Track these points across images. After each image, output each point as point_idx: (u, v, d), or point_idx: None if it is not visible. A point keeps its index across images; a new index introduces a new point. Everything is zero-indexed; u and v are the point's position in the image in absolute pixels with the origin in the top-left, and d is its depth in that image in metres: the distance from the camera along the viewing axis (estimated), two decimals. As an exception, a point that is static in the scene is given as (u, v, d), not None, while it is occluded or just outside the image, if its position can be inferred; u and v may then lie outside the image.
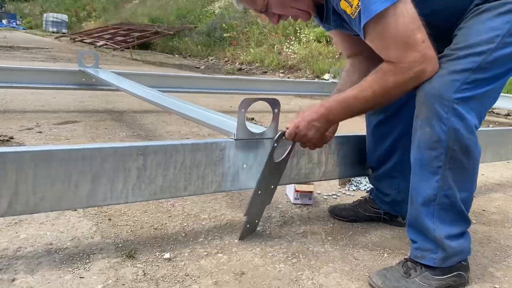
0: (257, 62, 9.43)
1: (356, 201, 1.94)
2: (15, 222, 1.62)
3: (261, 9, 1.47)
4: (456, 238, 1.35)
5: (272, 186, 1.62)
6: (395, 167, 1.74)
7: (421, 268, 1.38)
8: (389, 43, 1.27)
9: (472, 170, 1.33)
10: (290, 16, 1.49)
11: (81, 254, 1.44)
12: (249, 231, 1.66)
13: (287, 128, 1.48)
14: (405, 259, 1.45)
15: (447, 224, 1.34)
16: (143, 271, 1.37)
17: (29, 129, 3.01)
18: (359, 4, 1.24)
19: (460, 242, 1.36)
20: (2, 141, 2.65)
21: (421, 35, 1.25)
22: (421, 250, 1.39)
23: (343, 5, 1.29)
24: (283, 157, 1.56)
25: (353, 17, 1.29)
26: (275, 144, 1.50)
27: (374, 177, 1.83)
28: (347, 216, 1.89)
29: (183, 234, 1.64)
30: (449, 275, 1.38)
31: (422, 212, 1.36)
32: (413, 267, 1.39)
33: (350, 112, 1.39)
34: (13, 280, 1.27)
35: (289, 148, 1.55)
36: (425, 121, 1.30)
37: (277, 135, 1.50)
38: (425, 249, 1.38)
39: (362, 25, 1.26)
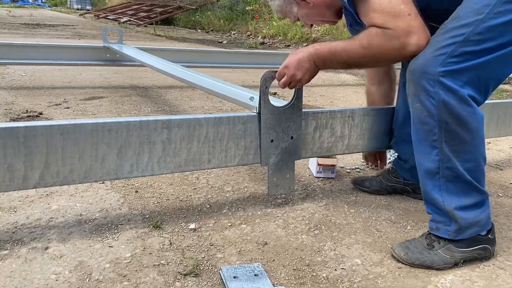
0: (280, 36, 9.31)
1: (380, 172, 1.94)
2: (47, 194, 1.68)
3: (294, 20, 1.68)
4: (469, 209, 1.34)
5: (293, 137, 1.62)
6: None
7: (445, 240, 1.38)
8: (376, 13, 1.32)
9: (471, 141, 1.30)
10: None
11: (109, 225, 1.49)
12: (280, 187, 1.66)
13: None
14: (428, 231, 1.44)
15: (456, 195, 1.33)
16: (169, 240, 1.41)
17: (57, 104, 3.09)
18: None
19: (475, 213, 1.35)
20: (32, 116, 2.73)
21: (406, 8, 1.29)
22: (435, 222, 1.39)
23: None
24: (290, 102, 1.57)
25: (346, 1, 1.38)
26: (265, 87, 1.50)
27: (394, 141, 1.83)
28: (370, 186, 1.89)
29: (208, 206, 1.68)
30: (473, 248, 1.37)
31: (429, 186, 1.37)
32: (437, 239, 1.38)
33: (336, 61, 1.43)
34: (46, 248, 1.33)
35: (294, 93, 1.56)
36: (414, 97, 1.32)
37: (264, 75, 1.50)
38: (439, 221, 1.38)
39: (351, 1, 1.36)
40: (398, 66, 1.75)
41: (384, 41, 1.32)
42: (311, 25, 1.70)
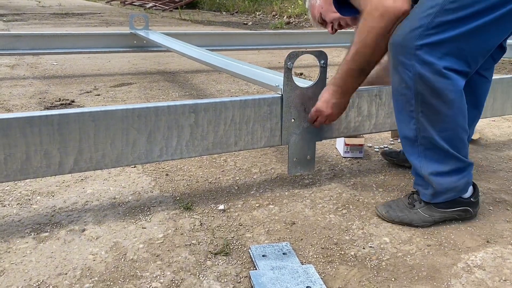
0: (305, 15, 9.17)
1: None
2: (81, 179, 1.75)
3: (319, 22, 1.77)
4: (445, 175, 1.39)
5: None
6: None
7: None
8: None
9: (447, 112, 1.32)
10: (340, 23, 1.75)
11: (142, 207, 1.54)
12: (301, 167, 1.67)
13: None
14: (412, 191, 1.50)
15: (433, 162, 1.39)
16: (200, 221, 1.45)
17: (88, 92, 3.17)
18: None
19: (452, 179, 1.40)
20: (65, 104, 2.82)
21: None
22: (417, 185, 1.47)
23: None
24: (314, 83, 1.57)
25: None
26: (289, 66, 1.50)
27: None
28: (396, 156, 1.92)
29: (236, 187, 1.71)
30: (454, 209, 1.44)
31: (409, 152, 1.43)
32: (419, 199, 1.46)
33: (360, 75, 1.43)
34: (83, 230, 1.39)
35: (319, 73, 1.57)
36: (393, 69, 1.36)
37: (288, 55, 1.49)
38: (419, 184, 1.46)
39: None
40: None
41: (369, 21, 1.32)
42: (332, 27, 1.76)
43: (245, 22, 9.25)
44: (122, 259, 1.25)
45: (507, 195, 1.68)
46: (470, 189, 1.46)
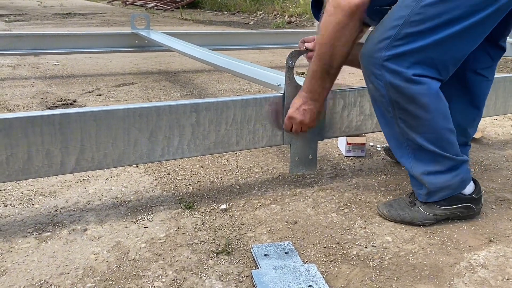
0: (307, 14, 9.16)
1: None
2: (83, 179, 1.75)
3: None
4: (437, 174, 1.40)
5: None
6: None
7: None
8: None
9: (425, 116, 1.32)
10: None
11: (144, 206, 1.54)
12: (302, 166, 1.66)
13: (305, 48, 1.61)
14: (412, 190, 1.50)
15: (424, 162, 1.40)
16: (202, 221, 1.45)
17: (90, 92, 3.17)
18: None
19: (445, 178, 1.40)
20: (66, 104, 2.82)
21: None
22: (412, 185, 1.48)
23: None
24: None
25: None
26: (290, 65, 1.50)
27: None
28: None
29: (238, 187, 1.71)
30: (455, 206, 1.44)
31: (398, 154, 1.45)
32: None
33: (321, 78, 1.42)
34: (85, 230, 1.39)
35: None
36: (366, 78, 1.38)
37: (290, 54, 1.49)
38: (414, 185, 1.47)
39: None
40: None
41: (325, 17, 1.33)
42: None
43: (247, 22, 9.24)
44: (124, 259, 1.25)
45: (510, 194, 1.68)
46: (471, 185, 1.46)
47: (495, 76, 1.64)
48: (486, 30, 1.30)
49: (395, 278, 1.19)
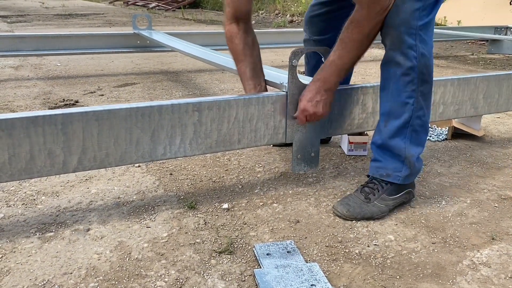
0: (308, 14, 9.14)
1: None
2: (86, 179, 1.75)
3: None
4: (418, 158, 1.51)
5: None
6: None
7: (378, 191, 1.49)
8: None
9: (431, 90, 1.48)
10: None
11: (146, 206, 1.54)
12: (305, 164, 1.66)
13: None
14: (361, 185, 1.54)
15: (415, 145, 1.48)
16: (204, 220, 1.45)
17: (92, 92, 3.17)
18: None
19: (419, 162, 1.52)
20: (69, 105, 2.83)
21: None
22: (385, 169, 1.50)
23: None
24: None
25: None
26: (293, 63, 1.50)
27: None
28: None
29: (240, 186, 1.71)
30: (401, 193, 1.51)
31: (397, 133, 1.46)
32: (371, 192, 1.50)
33: (342, 71, 1.46)
34: (88, 230, 1.39)
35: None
36: (397, 51, 1.39)
37: (292, 51, 1.50)
38: (390, 168, 1.49)
39: None
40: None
41: (368, 13, 1.36)
42: None
43: (248, 21, 9.23)
44: (127, 258, 1.25)
45: (513, 192, 1.67)
46: None
47: (498, 73, 1.65)
48: None
49: (398, 277, 1.18)
